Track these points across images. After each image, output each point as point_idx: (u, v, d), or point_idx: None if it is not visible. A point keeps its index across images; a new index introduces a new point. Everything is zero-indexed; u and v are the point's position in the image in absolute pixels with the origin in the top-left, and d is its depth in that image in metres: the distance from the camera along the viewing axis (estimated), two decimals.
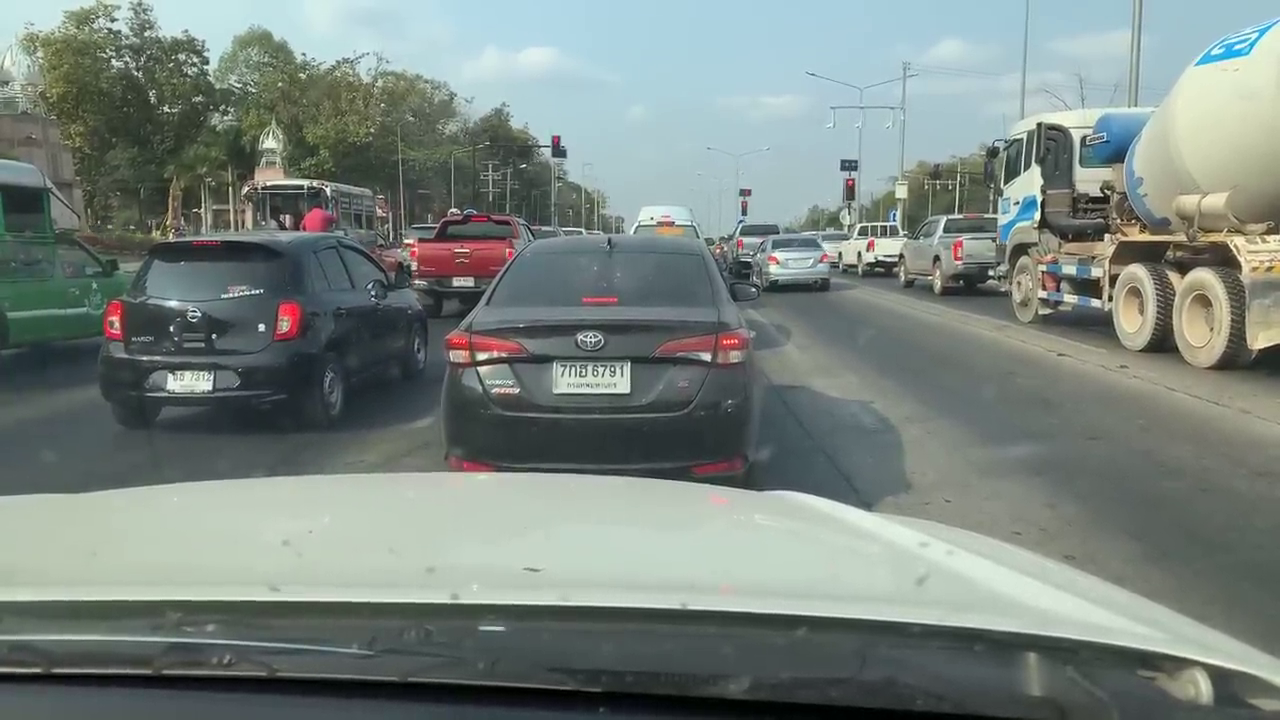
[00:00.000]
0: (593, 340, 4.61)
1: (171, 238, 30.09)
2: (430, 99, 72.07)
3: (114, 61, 54.64)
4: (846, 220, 47.94)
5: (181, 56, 57.05)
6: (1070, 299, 13.48)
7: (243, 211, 42.16)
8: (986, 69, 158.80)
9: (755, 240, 29.11)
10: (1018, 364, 10.75)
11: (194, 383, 6.78)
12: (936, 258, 21.34)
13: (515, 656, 0.83)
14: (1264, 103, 9.16)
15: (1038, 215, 14.39)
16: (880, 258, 29.42)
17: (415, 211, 62.34)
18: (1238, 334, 9.19)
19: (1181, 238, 10.57)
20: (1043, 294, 14.17)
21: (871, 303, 20.30)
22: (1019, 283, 15.26)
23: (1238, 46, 9.69)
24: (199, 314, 6.86)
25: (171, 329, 6.85)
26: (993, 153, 17.55)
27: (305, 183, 24.84)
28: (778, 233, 30.11)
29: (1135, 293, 11.23)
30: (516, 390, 4.64)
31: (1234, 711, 0.84)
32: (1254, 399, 8.01)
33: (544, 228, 32.00)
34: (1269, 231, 9.54)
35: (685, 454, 4.55)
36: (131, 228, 48.25)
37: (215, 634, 0.85)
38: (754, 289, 7.27)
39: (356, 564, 1.22)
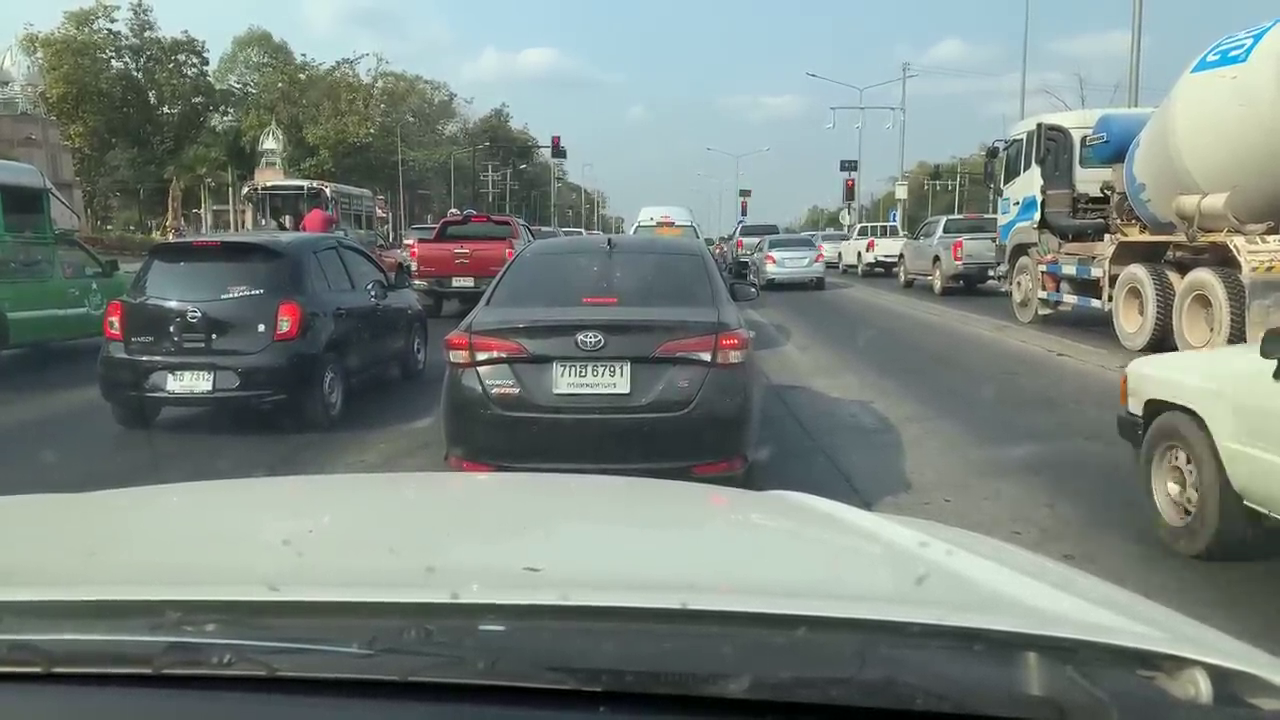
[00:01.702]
0: (593, 340, 4.61)
1: (171, 238, 30.08)
2: (430, 99, 72.06)
3: (114, 62, 54.63)
4: (846, 220, 47.97)
5: (181, 57, 57.06)
6: (1070, 299, 13.48)
7: (243, 212, 42.08)
8: (986, 69, 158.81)
9: (755, 240, 29.22)
10: (1017, 364, 10.75)
11: (194, 383, 6.78)
12: (936, 258, 21.37)
13: (515, 656, 0.83)
14: (1263, 107, 9.16)
15: (1038, 215, 14.41)
16: (880, 258, 29.45)
17: (415, 212, 62.33)
18: (1238, 334, 9.19)
19: (1181, 238, 10.58)
20: (1043, 294, 14.18)
21: (871, 303, 20.30)
22: (1019, 283, 15.27)
23: (1233, 53, 9.69)
24: (199, 314, 6.86)
25: (171, 329, 6.85)
26: (992, 153, 17.55)
27: (305, 183, 24.82)
28: (777, 233, 30.19)
29: (1135, 293, 11.24)
30: (516, 390, 4.64)
31: (1234, 711, 0.84)
32: None
33: (544, 228, 32.01)
34: (1269, 231, 9.56)
35: (685, 454, 4.56)
36: (131, 228, 48.25)
37: (215, 633, 0.85)
38: (753, 289, 7.28)
39: (356, 564, 1.23)
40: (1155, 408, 4.42)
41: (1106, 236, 12.61)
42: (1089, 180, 13.66)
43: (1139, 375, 4.70)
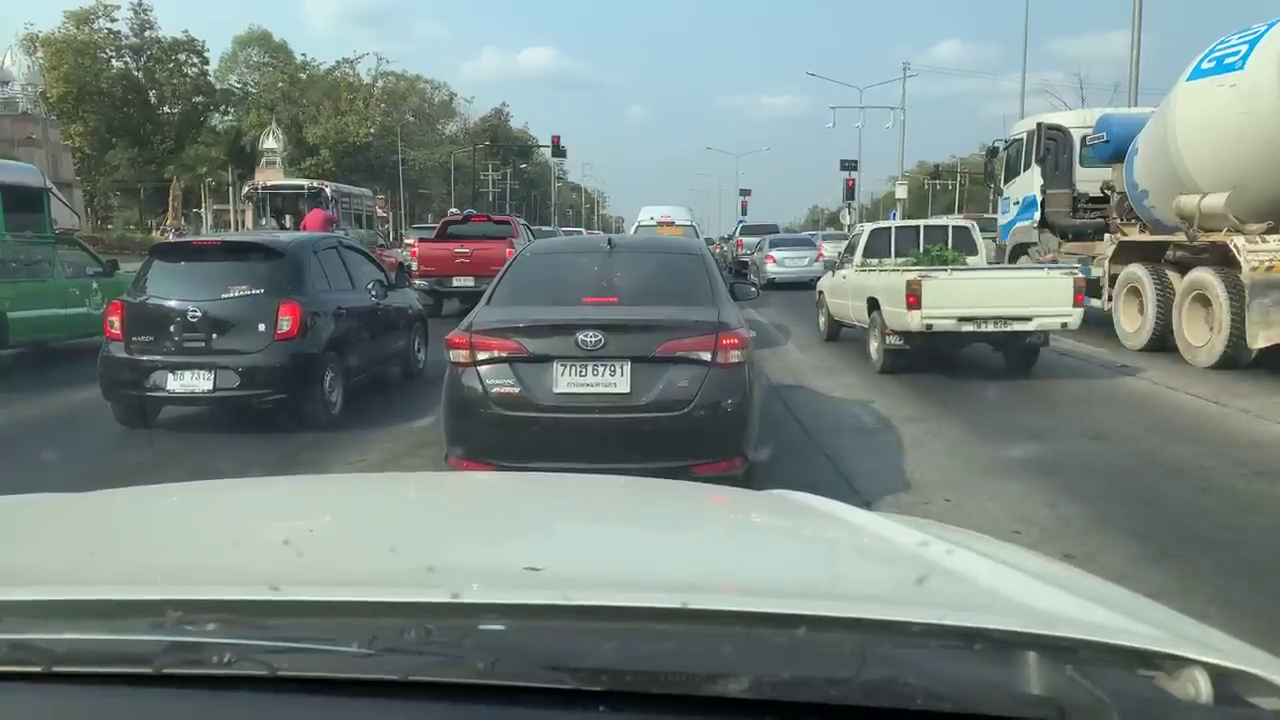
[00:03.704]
0: (593, 340, 4.61)
1: (171, 238, 30.09)
2: (430, 99, 72.12)
3: (114, 62, 54.65)
4: (846, 220, 47.89)
5: (181, 56, 57.03)
6: None
7: (243, 211, 42.20)
8: (986, 69, 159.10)
9: (755, 240, 29.26)
10: None
11: (194, 382, 6.78)
12: None
13: (515, 655, 0.83)
14: (1264, 115, 9.14)
15: (1038, 215, 14.40)
16: None
17: (415, 211, 62.35)
18: (1237, 334, 9.19)
19: (1181, 238, 10.57)
20: None
21: None
22: None
23: (1229, 60, 9.66)
24: (199, 314, 6.86)
25: (172, 329, 6.85)
26: (993, 153, 17.56)
27: (305, 183, 24.87)
28: (777, 232, 30.22)
29: (1135, 292, 11.23)
30: (517, 390, 4.64)
31: (1233, 710, 0.84)
32: (1254, 399, 8.01)
33: (544, 228, 32.02)
34: (1269, 231, 9.55)
35: (685, 453, 4.56)
36: (131, 228, 48.22)
37: (215, 633, 0.85)
38: (753, 288, 7.28)
39: (357, 563, 1.23)
40: (818, 293, 13.19)
41: (1106, 236, 12.60)
42: (1089, 180, 13.66)
43: (821, 286, 13.21)
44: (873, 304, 10.02)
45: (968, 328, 9.05)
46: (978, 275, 10.16)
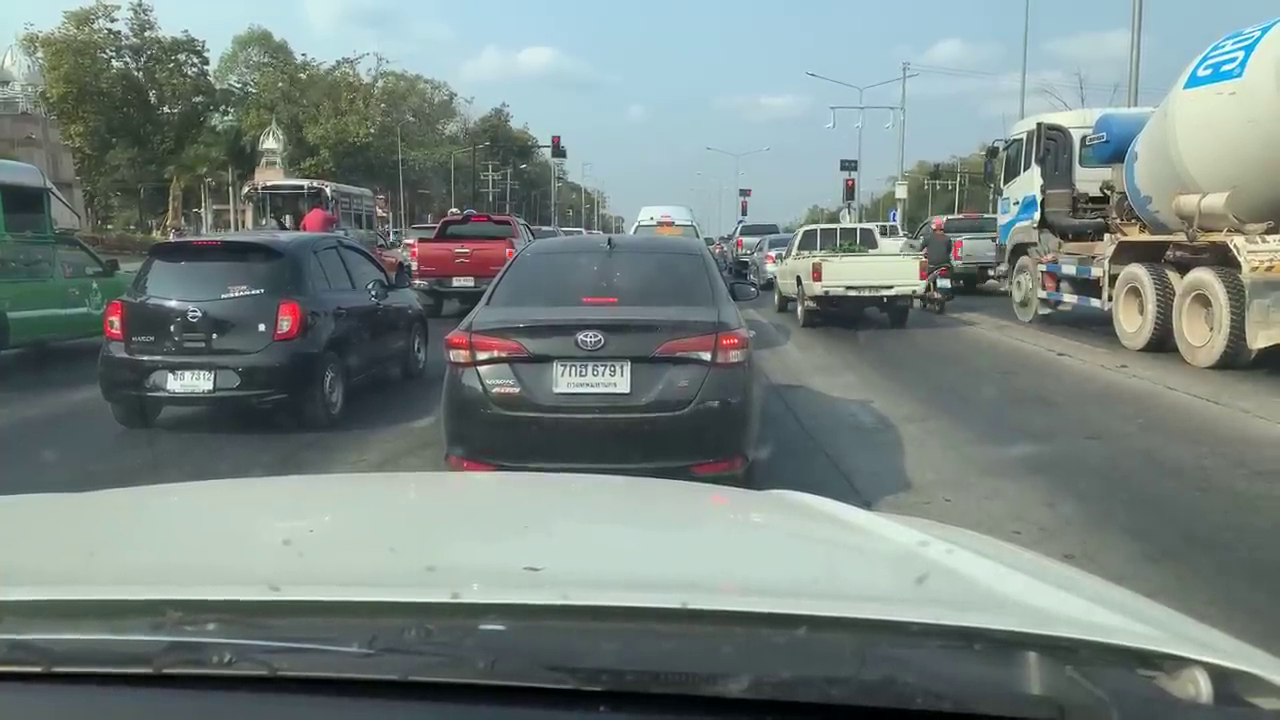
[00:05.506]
0: (593, 340, 4.61)
1: (171, 238, 30.06)
2: (430, 99, 72.05)
3: (114, 62, 54.54)
4: (846, 220, 47.90)
5: (181, 57, 56.92)
6: (1070, 299, 13.48)
7: (243, 212, 42.20)
8: (986, 69, 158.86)
9: (755, 240, 29.29)
10: (1017, 363, 10.75)
11: (194, 382, 6.78)
12: None
13: (515, 655, 0.83)
14: (1264, 122, 9.14)
15: (1037, 215, 14.39)
16: None
17: (415, 211, 62.26)
18: (1237, 334, 9.19)
19: (1181, 237, 10.56)
20: (1043, 294, 14.17)
21: None
22: (1019, 282, 15.27)
23: (1226, 67, 9.65)
24: (199, 314, 6.86)
25: (172, 329, 6.85)
26: (992, 153, 17.57)
27: (305, 183, 24.89)
28: (777, 233, 30.22)
29: (1135, 292, 11.23)
30: (517, 390, 4.64)
31: (1234, 710, 0.84)
32: (1254, 399, 8.01)
33: (544, 228, 32.00)
34: (1269, 231, 9.54)
35: (685, 453, 4.56)
36: (132, 228, 48.19)
37: (215, 633, 0.85)
38: (753, 288, 7.29)
39: (357, 563, 1.23)
40: (774, 276, 18.30)
41: (1106, 236, 12.60)
42: (1089, 180, 13.66)
43: (775, 272, 18.47)
44: (798, 280, 14.71)
45: (852, 293, 13.84)
46: (859, 259, 15.05)
